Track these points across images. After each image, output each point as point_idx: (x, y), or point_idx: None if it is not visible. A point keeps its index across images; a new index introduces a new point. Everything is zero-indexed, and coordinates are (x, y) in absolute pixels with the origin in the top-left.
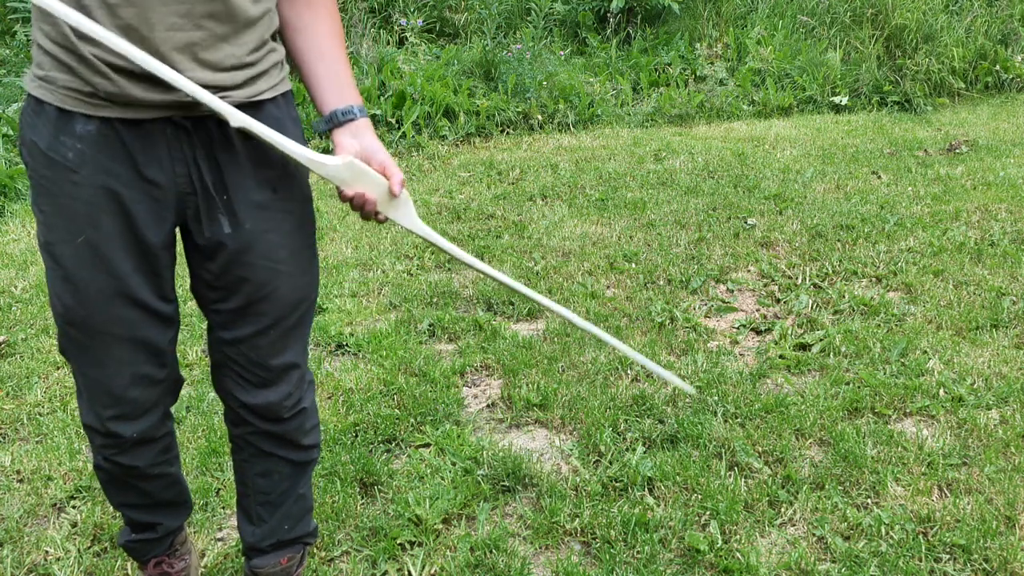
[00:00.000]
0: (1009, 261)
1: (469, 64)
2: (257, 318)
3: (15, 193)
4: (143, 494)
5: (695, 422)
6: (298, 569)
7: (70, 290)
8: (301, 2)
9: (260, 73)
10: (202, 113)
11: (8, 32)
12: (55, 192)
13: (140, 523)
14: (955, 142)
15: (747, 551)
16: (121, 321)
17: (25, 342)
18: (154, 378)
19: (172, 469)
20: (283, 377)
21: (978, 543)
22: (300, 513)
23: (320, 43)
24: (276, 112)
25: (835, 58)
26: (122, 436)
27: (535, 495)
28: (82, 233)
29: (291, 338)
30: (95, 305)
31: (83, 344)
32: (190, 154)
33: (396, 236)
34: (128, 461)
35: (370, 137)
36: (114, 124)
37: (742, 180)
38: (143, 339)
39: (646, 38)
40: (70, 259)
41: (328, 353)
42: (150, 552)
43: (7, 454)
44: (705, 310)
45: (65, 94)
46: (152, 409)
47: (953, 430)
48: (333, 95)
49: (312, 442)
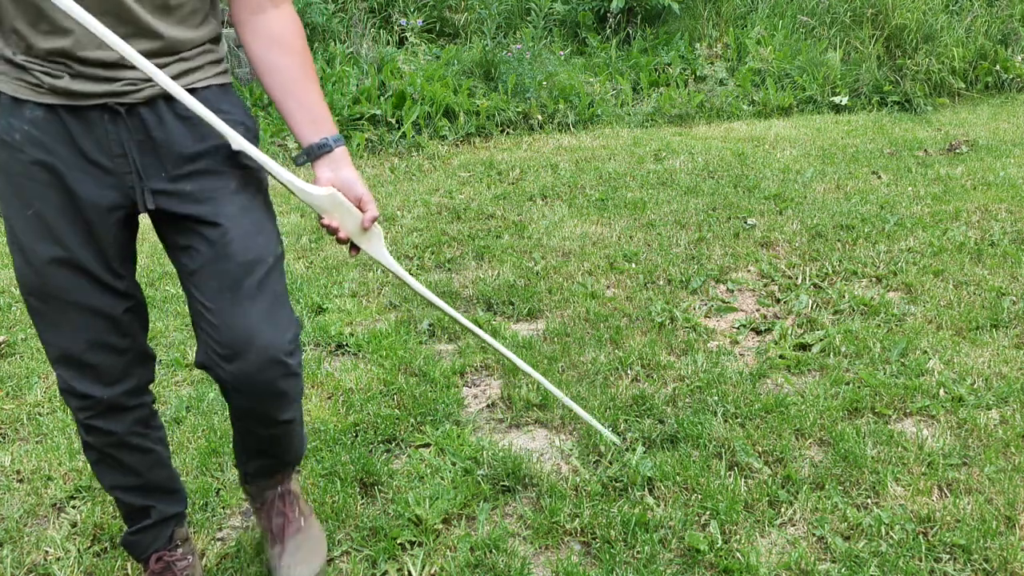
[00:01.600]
0: (1009, 261)
1: (469, 64)
2: (217, 279)
3: None
4: (131, 472)
5: (695, 422)
6: (288, 480)
7: (25, 259)
8: (268, 43)
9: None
10: (134, 100)
11: None
12: (7, 170)
13: (135, 508)
14: (955, 142)
15: (747, 551)
16: (71, 288)
17: (25, 342)
18: (115, 346)
19: (155, 447)
20: (249, 348)
21: (978, 543)
22: (288, 450)
23: (290, 81)
24: (211, 98)
25: (835, 58)
26: (93, 396)
27: (535, 495)
28: (31, 206)
29: (254, 303)
30: (47, 272)
31: (41, 311)
32: (126, 136)
33: (396, 236)
34: (104, 425)
35: (347, 169)
36: (57, 110)
37: (742, 180)
38: (96, 307)
39: (646, 38)
40: (23, 231)
41: (328, 353)
42: (150, 546)
43: (7, 454)
44: (705, 310)
45: (17, 84)
46: (123, 379)
47: (953, 430)
48: (307, 129)
49: (289, 416)
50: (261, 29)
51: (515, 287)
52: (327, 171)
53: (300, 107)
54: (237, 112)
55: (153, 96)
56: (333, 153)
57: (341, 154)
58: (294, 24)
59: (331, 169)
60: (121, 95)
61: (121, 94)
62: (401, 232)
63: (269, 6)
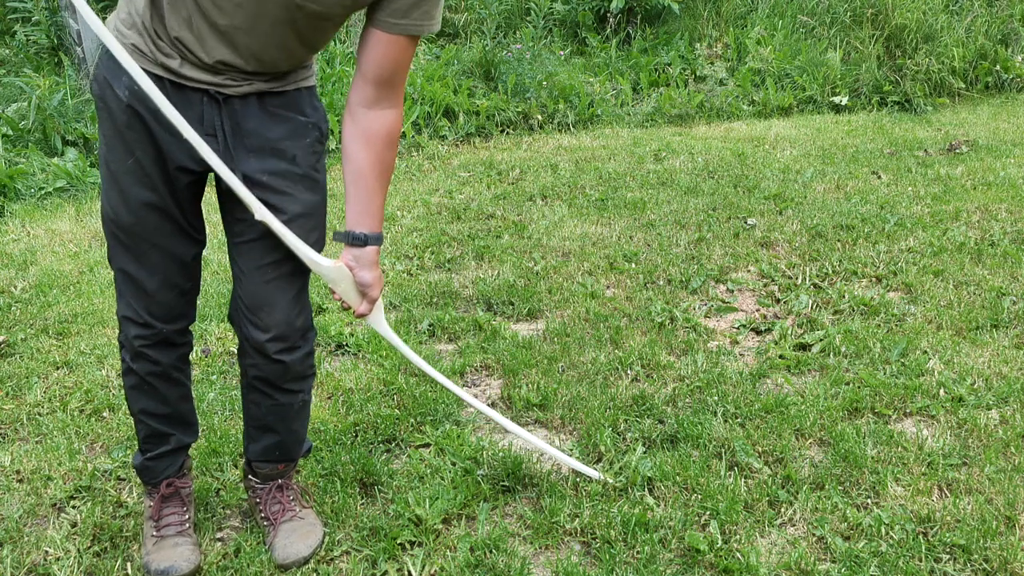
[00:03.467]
0: (1009, 261)
1: (469, 64)
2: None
3: (15, 193)
4: (163, 400)
5: (695, 422)
6: (289, 473)
7: (121, 199)
8: (360, 134)
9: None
10: (232, 93)
11: (8, 32)
12: (114, 120)
13: (158, 433)
14: (955, 142)
15: (747, 551)
16: (157, 230)
17: (25, 342)
18: (182, 288)
19: (188, 382)
20: (275, 320)
21: (978, 543)
22: (290, 443)
23: (362, 173)
24: (298, 100)
25: (835, 58)
26: (154, 327)
27: (535, 495)
28: (132, 155)
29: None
30: (138, 213)
31: (127, 245)
32: (216, 114)
33: (396, 236)
34: (155, 355)
35: (367, 269)
36: (164, 80)
37: (742, 180)
38: (174, 251)
39: (646, 38)
40: (123, 175)
41: (328, 353)
42: (164, 471)
43: (7, 454)
44: (705, 310)
45: (132, 49)
46: (179, 317)
47: (953, 430)
48: (355, 217)
49: (294, 388)
50: (361, 120)
51: (515, 287)
52: (350, 259)
53: (360, 196)
54: (316, 115)
55: (249, 93)
56: (366, 248)
57: (371, 252)
58: (391, 127)
59: (354, 259)
60: (222, 86)
61: (222, 86)
62: (401, 232)
63: (386, 106)
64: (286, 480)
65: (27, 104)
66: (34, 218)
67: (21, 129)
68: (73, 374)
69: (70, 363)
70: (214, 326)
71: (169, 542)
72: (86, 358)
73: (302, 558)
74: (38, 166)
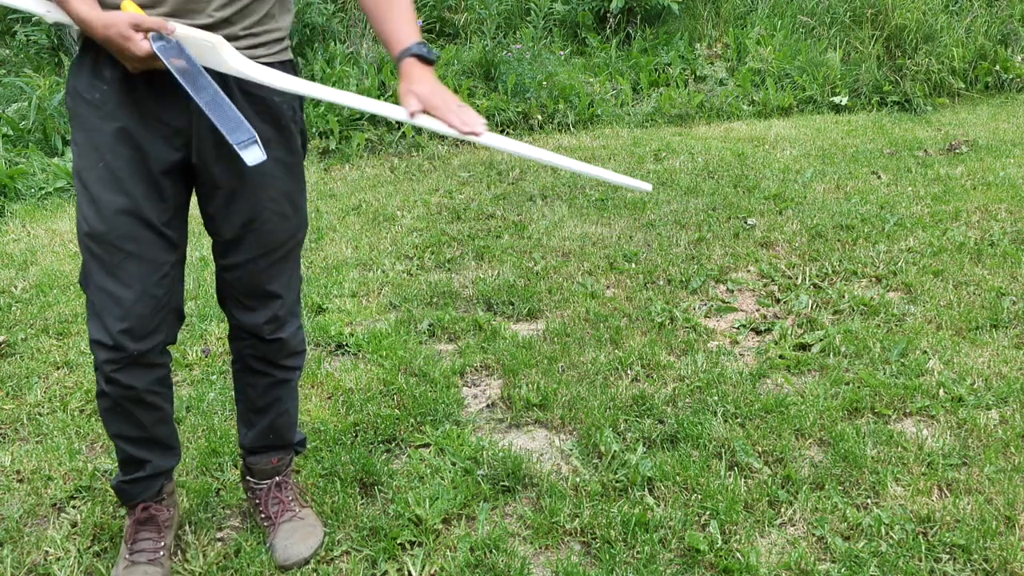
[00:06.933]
0: (1009, 261)
1: (469, 64)
2: (248, 247)
3: (15, 193)
4: (138, 424)
5: (695, 422)
6: (287, 469)
7: (93, 208)
8: None
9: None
10: None
11: (8, 32)
12: (86, 126)
13: (132, 458)
14: (955, 142)
15: (747, 551)
16: (131, 237)
17: (25, 342)
18: (160, 300)
19: (165, 405)
20: (267, 303)
21: (978, 543)
22: (284, 425)
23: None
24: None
25: (835, 58)
26: (126, 349)
27: (535, 495)
28: (102, 159)
29: (276, 271)
30: (113, 221)
31: (102, 259)
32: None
33: (396, 236)
34: (127, 380)
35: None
36: (136, 75)
37: (742, 180)
38: (151, 258)
39: (646, 38)
40: (94, 182)
41: (328, 353)
42: (140, 495)
43: (7, 454)
44: (705, 310)
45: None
46: (154, 332)
47: (953, 430)
48: (408, 30)
49: (291, 364)
50: None
51: (515, 287)
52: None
53: (399, 6)
54: None
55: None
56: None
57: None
58: None
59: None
60: None
61: None
62: (401, 232)
63: None
64: (284, 478)
65: (27, 104)
66: (34, 218)
67: (21, 129)
68: (73, 374)
69: (70, 363)
70: (214, 326)
71: (139, 570)
72: (86, 358)
73: (303, 559)
74: (38, 166)
